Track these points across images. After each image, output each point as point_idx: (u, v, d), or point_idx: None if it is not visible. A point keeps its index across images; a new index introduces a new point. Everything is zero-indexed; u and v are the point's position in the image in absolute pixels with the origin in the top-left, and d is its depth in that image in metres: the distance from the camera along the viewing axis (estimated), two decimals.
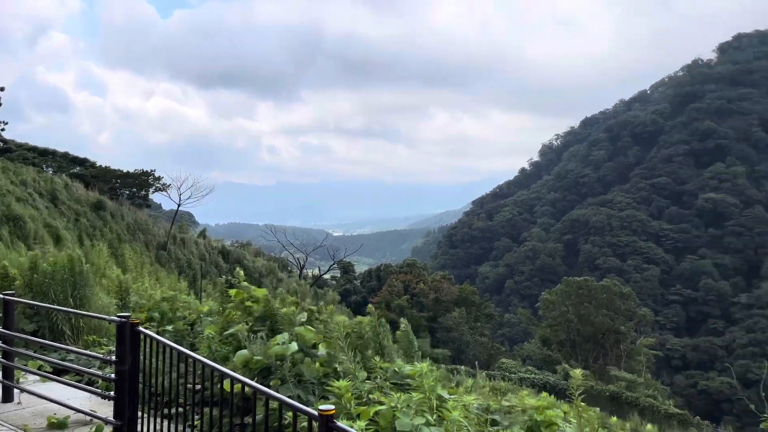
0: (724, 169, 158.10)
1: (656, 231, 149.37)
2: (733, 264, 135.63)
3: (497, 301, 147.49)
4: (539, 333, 49.35)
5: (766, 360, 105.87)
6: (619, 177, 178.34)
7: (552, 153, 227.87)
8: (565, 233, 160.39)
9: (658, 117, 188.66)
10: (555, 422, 3.63)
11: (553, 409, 5.73)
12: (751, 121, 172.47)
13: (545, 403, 3.98)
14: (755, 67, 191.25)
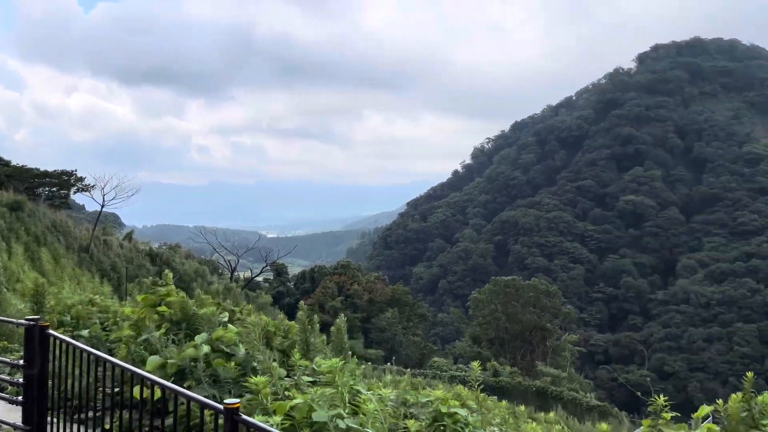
0: (642, 173, 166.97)
1: (581, 232, 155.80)
2: (651, 263, 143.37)
3: (431, 301, 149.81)
4: (469, 331, 50.54)
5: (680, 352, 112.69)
6: (546, 180, 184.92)
7: (483, 156, 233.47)
8: (496, 234, 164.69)
9: (582, 122, 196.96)
10: (457, 412, 3.84)
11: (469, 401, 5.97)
12: (667, 128, 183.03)
13: (449, 395, 4.18)
14: (671, 76, 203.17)
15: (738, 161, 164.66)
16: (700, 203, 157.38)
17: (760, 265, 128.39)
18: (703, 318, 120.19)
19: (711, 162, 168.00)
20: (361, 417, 4.23)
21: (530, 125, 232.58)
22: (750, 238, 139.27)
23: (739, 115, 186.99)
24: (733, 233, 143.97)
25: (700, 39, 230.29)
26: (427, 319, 58.14)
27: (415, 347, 49.96)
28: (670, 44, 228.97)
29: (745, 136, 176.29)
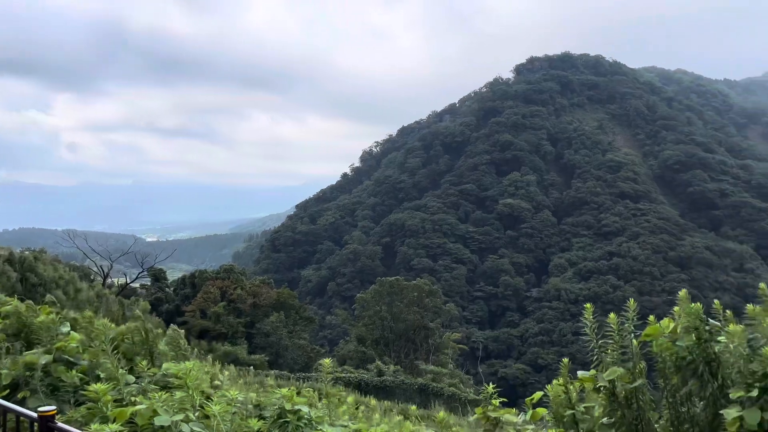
0: (519, 178, 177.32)
1: (463, 233, 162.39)
2: (527, 262, 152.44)
3: (320, 304, 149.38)
4: (355, 332, 50.97)
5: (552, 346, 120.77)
6: (431, 183, 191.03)
7: (372, 159, 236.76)
8: (384, 236, 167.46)
9: (465, 128, 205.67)
10: (300, 409, 3.88)
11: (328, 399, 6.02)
12: (541, 136, 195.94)
13: (293, 393, 4.21)
14: (544, 87, 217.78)
15: (602, 168, 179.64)
16: (569, 206, 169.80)
17: (621, 263, 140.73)
18: (572, 313, 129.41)
19: (579, 168, 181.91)
20: (207, 420, 4.15)
21: (416, 130, 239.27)
22: (612, 239, 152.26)
23: (603, 125, 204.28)
24: (598, 234, 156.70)
25: (570, 54, 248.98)
26: (314, 322, 57.91)
27: (301, 351, 49.55)
28: (543, 57, 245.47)
29: (607, 145, 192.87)
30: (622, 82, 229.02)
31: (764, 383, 2.84)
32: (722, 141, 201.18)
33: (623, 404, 3.20)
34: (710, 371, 2.98)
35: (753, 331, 3.07)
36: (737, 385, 2.77)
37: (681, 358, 3.07)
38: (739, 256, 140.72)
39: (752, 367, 2.79)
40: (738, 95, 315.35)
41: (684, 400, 3.03)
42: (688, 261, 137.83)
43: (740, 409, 2.78)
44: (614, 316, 3.51)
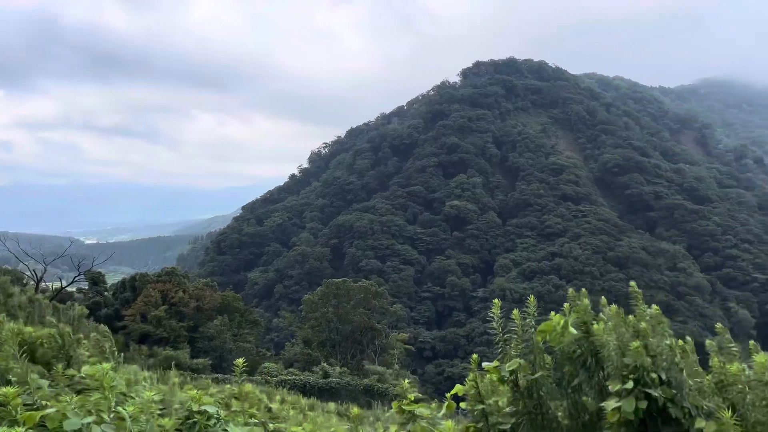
0: (465, 180, 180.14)
1: (411, 234, 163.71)
2: (473, 263, 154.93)
3: (266, 306, 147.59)
4: (301, 334, 50.60)
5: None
6: (380, 185, 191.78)
7: (320, 161, 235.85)
8: (332, 238, 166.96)
9: (413, 131, 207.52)
10: (206, 409, 3.89)
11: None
12: (487, 139, 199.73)
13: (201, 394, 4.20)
14: (490, 91, 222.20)
15: (545, 170, 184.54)
16: (514, 208, 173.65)
17: (563, 264, 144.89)
18: None
19: (523, 171, 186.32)
20: (122, 422, 4.08)
21: (365, 132, 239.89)
22: (554, 240, 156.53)
23: (546, 129, 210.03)
24: (541, 235, 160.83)
25: (514, 59, 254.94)
26: (260, 325, 57.12)
27: (246, 354, 48.79)
28: (489, 62, 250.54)
29: (550, 149, 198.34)
30: (564, 88, 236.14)
31: (637, 375, 3.00)
32: (657, 146, 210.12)
33: (525, 394, 3.36)
34: (597, 363, 3.17)
35: (620, 326, 3.22)
36: (614, 377, 2.93)
37: (572, 351, 3.25)
38: (672, 256, 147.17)
39: (625, 361, 2.91)
40: (672, 102, 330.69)
41: (577, 389, 3.21)
42: (626, 261, 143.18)
43: (618, 400, 2.95)
44: (517, 312, 3.68)
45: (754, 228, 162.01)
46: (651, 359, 2.83)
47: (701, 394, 2.81)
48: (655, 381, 2.76)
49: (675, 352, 2.91)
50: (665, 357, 2.84)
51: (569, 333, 3.22)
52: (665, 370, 2.79)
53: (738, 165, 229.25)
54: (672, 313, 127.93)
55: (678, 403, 2.75)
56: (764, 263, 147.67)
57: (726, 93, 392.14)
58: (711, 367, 3.06)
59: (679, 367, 2.89)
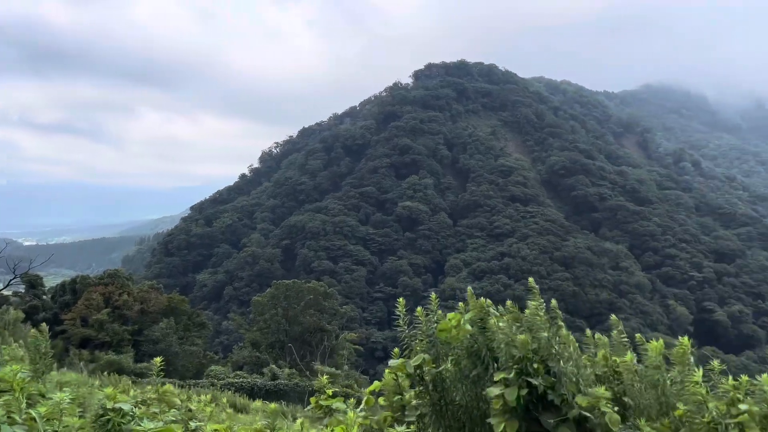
0: (417, 181, 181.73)
1: (364, 235, 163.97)
2: (424, 263, 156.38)
3: (216, 309, 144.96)
4: (249, 337, 50.01)
5: None
6: (332, 185, 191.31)
7: (272, 160, 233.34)
8: (284, 238, 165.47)
9: (366, 132, 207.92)
10: (122, 407, 3.93)
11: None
12: (438, 140, 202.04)
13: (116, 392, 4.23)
14: (441, 93, 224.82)
15: (494, 172, 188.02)
16: (464, 209, 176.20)
17: (511, 263, 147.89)
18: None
19: (473, 172, 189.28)
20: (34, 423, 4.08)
21: (317, 132, 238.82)
22: (503, 240, 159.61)
23: (496, 132, 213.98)
24: (490, 235, 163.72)
25: (465, 62, 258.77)
26: (208, 327, 56.12)
27: (192, 357, 47.89)
28: (441, 64, 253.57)
29: (500, 151, 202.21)
30: (514, 91, 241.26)
31: (521, 365, 3.15)
32: (602, 149, 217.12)
33: (430, 387, 3.54)
34: (492, 356, 3.39)
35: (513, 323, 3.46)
36: (503, 368, 3.16)
37: (470, 346, 3.46)
38: (615, 256, 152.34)
39: (512, 352, 3.10)
40: (616, 106, 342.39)
41: (476, 381, 3.42)
42: (572, 260, 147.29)
43: (503, 388, 3.10)
44: (421, 309, 3.86)
45: (691, 228, 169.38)
46: (535, 351, 3.04)
47: (584, 382, 3.02)
48: (539, 370, 2.98)
49: (553, 344, 3.12)
50: (548, 348, 3.02)
51: (464, 329, 3.43)
52: (548, 361, 2.99)
53: (676, 168, 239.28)
54: (615, 310, 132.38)
55: (557, 391, 2.94)
56: (701, 262, 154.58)
57: (666, 98, 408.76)
58: (596, 359, 3.34)
59: (558, 357, 3.12)
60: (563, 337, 3.15)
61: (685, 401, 3.04)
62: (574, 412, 2.98)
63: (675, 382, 3.17)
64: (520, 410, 3.02)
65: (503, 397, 3.04)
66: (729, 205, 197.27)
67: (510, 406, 3.00)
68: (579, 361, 3.12)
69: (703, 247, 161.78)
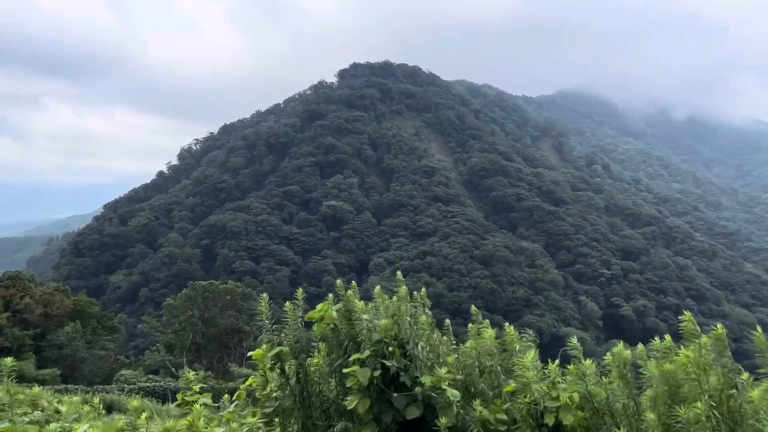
0: (342, 180, 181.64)
1: (287, 235, 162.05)
2: (349, 262, 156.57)
3: (131, 311, 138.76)
4: (163, 339, 48.27)
5: None
6: (255, 184, 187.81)
7: (191, 157, 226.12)
8: (203, 238, 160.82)
9: (289, 130, 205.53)
10: None
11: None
12: (363, 140, 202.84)
13: None
14: (366, 93, 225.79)
15: (418, 172, 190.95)
16: (388, 208, 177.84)
17: (433, 262, 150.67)
18: None
19: (398, 172, 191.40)
20: None
21: (239, 129, 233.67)
22: (426, 239, 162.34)
23: (420, 133, 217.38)
24: (414, 234, 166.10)
25: (390, 63, 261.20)
26: (119, 331, 53.69)
27: (101, 362, 45.69)
28: (366, 64, 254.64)
29: (423, 152, 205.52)
30: (437, 93, 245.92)
31: (377, 348, 3.23)
32: (520, 151, 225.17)
33: (292, 378, 3.55)
34: (355, 344, 3.45)
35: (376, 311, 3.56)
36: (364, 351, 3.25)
37: (335, 336, 3.51)
38: (531, 254, 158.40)
39: (374, 337, 3.19)
40: (533, 111, 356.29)
41: (338, 371, 3.46)
42: (491, 258, 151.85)
43: (358, 369, 3.19)
44: (290, 304, 3.87)
45: (602, 228, 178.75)
46: (394, 336, 3.14)
47: (437, 365, 3.14)
48: (395, 353, 3.08)
49: (411, 329, 3.23)
50: (406, 333, 3.13)
51: (329, 317, 3.47)
52: (405, 345, 3.10)
53: (588, 170, 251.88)
54: (531, 306, 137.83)
55: (410, 373, 3.05)
56: (609, 260, 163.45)
57: (579, 104, 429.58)
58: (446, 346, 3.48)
59: (416, 341, 3.24)
60: (423, 323, 3.25)
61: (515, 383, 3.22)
62: (420, 391, 3.04)
63: (507, 367, 3.36)
64: (373, 390, 3.11)
65: (356, 377, 3.12)
66: (635, 206, 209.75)
67: (363, 385, 3.09)
68: (437, 346, 3.24)
69: (612, 245, 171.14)
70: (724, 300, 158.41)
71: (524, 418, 2.96)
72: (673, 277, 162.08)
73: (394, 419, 3.01)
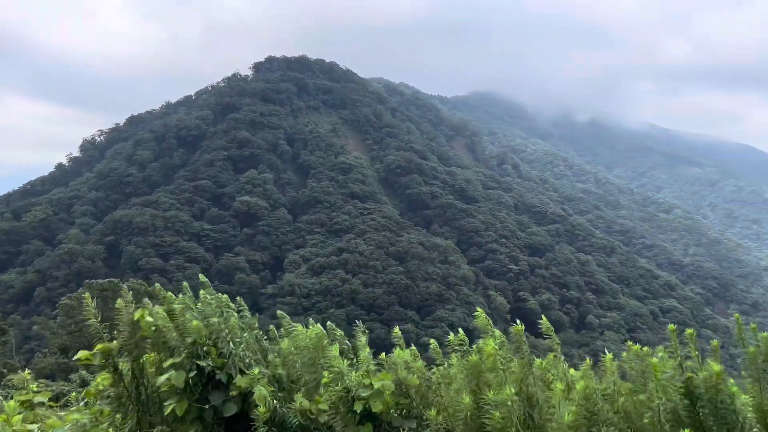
0: (256, 176, 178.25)
1: (198, 231, 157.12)
2: (263, 259, 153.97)
3: (25, 312, 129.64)
4: (56, 342, 45.55)
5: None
6: (164, 178, 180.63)
7: (95, 149, 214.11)
8: (108, 234, 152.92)
9: (201, 122, 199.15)
10: None
11: None
12: (279, 135, 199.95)
13: None
14: (282, 88, 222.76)
15: (334, 169, 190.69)
16: (304, 205, 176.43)
17: (349, 258, 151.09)
18: (304, 307, 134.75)
19: (314, 169, 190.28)
20: None
21: (148, 121, 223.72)
22: (342, 236, 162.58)
23: (336, 129, 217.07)
24: (330, 231, 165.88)
25: (307, 57, 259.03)
26: (7, 333, 50.02)
27: None
28: (282, 58, 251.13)
29: (340, 148, 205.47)
30: (354, 90, 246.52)
31: (192, 349, 3.29)
32: (435, 150, 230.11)
33: (126, 376, 3.53)
34: (171, 346, 3.48)
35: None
36: (178, 354, 3.29)
37: (159, 337, 3.52)
38: (444, 250, 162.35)
39: (187, 339, 3.24)
40: (448, 110, 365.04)
41: (166, 370, 3.48)
42: (405, 255, 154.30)
43: (173, 373, 3.23)
44: (121, 301, 3.83)
45: (510, 225, 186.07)
46: (208, 336, 3.20)
47: (254, 362, 3.23)
48: (211, 353, 3.14)
49: (222, 329, 3.30)
50: (218, 333, 3.20)
51: (145, 321, 3.48)
52: (219, 344, 3.17)
53: (499, 170, 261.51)
54: (443, 302, 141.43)
55: (226, 370, 3.13)
56: (517, 256, 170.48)
57: (491, 105, 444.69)
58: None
59: (229, 340, 3.32)
60: (232, 323, 3.33)
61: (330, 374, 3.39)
62: (234, 390, 3.12)
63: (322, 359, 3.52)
64: (190, 391, 3.16)
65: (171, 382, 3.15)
66: (541, 205, 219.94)
67: (179, 388, 3.13)
68: (253, 344, 3.33)
69: (520, 242, 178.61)
70: (620, 293, 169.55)
71: (336, 406, 3.09)
72: (575, 272, 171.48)
73: (217, 416, 3.06)
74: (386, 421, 3.02)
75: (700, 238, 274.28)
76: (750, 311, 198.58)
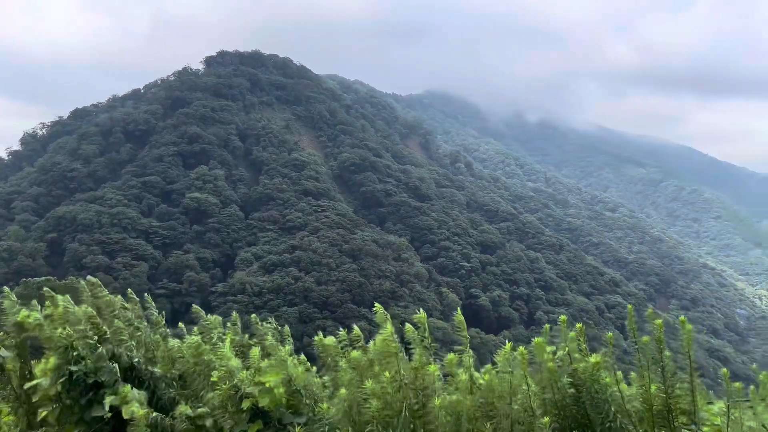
0: (207, 172, 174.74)
1: (146, 228, 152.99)
2: (213, 257, 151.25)
3: None
4: None
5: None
6: (110, 173, 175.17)
7: (36, 143, 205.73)
8: (50, 231, 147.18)
9: (150, 117, 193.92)
10: None
11: None
12: (230, 130, 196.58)
13: None
14: (234, 83, 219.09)
15: (288, 166, 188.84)
16: (257, 202, 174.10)
17: (302, 256, 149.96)
18: (255, 305, 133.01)
19: (267, 165, 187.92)
20: None
21: (93, 114, 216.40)
22: (295, 233, 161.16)
23: (290, 125, 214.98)
24: (283, 228, 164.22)
25: (260, 52, 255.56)
26: None
27: None
28: (234, 53, 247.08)
29: (293, 145, 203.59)
30: (308, 86, 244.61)
31: (63, 356, 3.21)
32: (389, 148, 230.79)
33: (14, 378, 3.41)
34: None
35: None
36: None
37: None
38: (397, 248, 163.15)
39: (58, 343, 3.15)
40: (403, 109, 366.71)
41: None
42: (359, 252, 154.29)
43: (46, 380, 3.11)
44: (9, 303, 3.71)
45: (463, 223, 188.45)
46: (80, 338, 3.12)
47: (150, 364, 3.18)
48: (88, 357, 3.05)
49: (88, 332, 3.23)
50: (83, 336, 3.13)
51: (29, 324, 3.38)
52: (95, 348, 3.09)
53: (452, 168, 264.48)
54: (396, 299, 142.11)
55: (99, 375, 3.04)
56: (469, 253, 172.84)
57: (445, 104, 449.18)
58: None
59: (95, 342, 3.25)
60: (117, 324, 3.26)
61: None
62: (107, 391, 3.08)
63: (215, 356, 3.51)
64: (66, 395, 3.09)
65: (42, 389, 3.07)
66: (493, 203, 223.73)
67: (51, 395, 3.06)
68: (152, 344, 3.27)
69: (472, 240, 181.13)
70: (568, 290, 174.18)
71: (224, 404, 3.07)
72: (525, 269, 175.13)
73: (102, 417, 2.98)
74: (276, 417, 3.01)
75: (643, 236, 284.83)
76: (689, 306, 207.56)
